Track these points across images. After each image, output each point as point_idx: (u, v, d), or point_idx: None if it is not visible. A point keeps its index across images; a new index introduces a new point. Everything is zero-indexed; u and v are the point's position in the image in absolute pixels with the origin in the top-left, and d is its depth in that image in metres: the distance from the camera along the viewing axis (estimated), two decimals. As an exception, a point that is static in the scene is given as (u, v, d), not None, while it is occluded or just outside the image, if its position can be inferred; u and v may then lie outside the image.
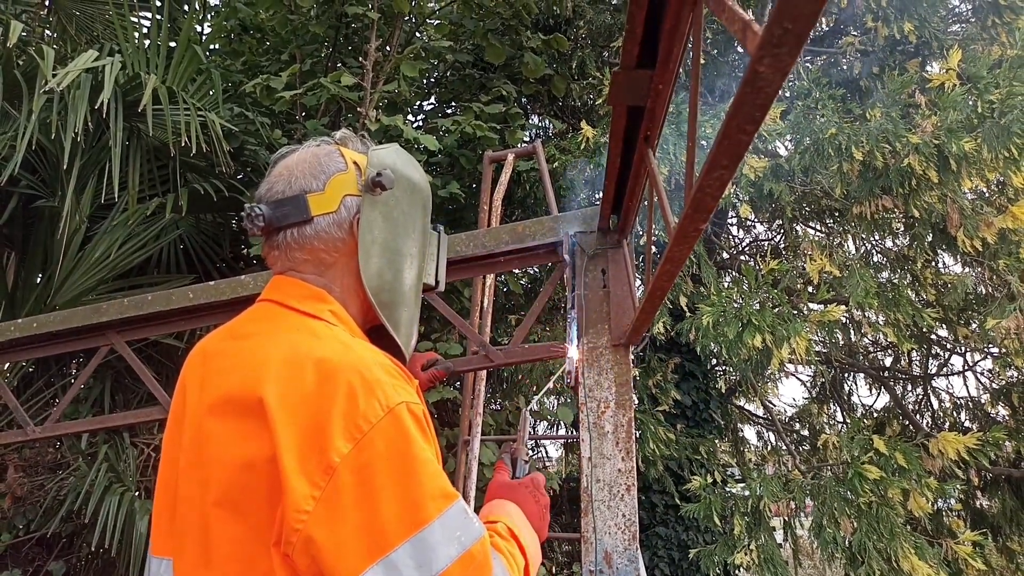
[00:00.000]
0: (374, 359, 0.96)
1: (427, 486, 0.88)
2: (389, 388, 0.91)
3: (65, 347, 2.86)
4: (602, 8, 6.40)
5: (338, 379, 0.90)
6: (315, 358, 0.92)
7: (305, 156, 1.14)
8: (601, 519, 2.06)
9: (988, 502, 7.10)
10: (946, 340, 7.37)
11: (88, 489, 4.51)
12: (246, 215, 1.09)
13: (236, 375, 0.96)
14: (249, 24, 6.02)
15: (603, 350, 2.18)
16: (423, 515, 0.86)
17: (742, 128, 0.91)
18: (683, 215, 1.20)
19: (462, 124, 4.97)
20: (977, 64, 4.50)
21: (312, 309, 1.05)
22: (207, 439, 0.94)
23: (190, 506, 0.94)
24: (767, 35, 0.73)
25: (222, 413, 0.94)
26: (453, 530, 0.88)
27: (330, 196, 1.10)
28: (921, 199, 4.61)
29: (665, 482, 6.87)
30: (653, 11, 1.29)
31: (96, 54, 3.99)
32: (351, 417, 0.87)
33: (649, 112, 1.55)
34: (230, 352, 1.01)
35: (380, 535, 0.84)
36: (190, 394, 1.03)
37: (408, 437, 0.89)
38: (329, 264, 1.10)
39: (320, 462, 0.85)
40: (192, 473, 0.96)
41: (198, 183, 4.96)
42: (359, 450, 0.86)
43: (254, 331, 1.03)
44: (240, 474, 0.89)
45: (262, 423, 0.88)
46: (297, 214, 1.08)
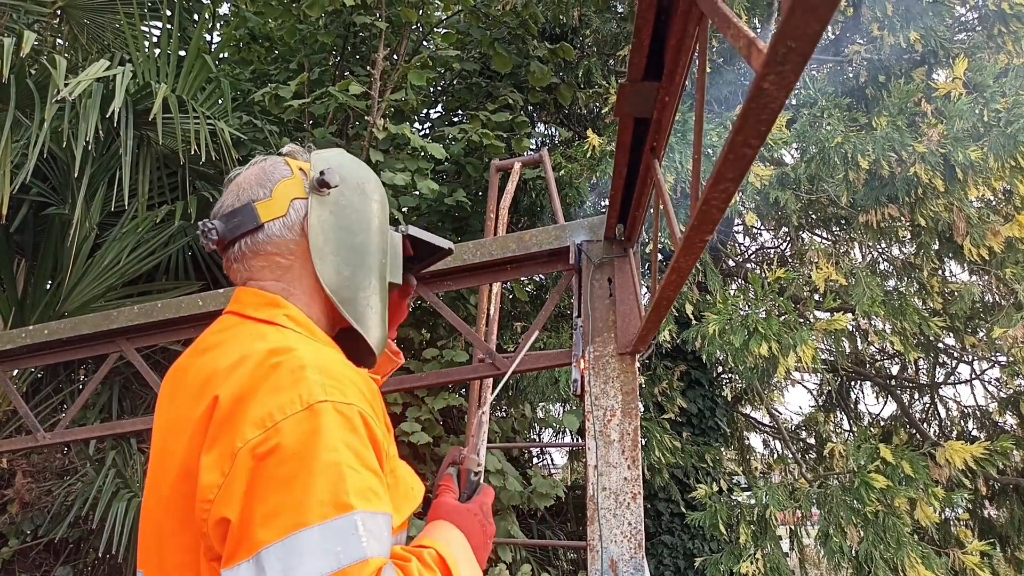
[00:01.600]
0: (314, 358, 0.95)
1: (319, 488, 0.83)
2: (316, 385, 0.90)
3: (76, 353, 2.89)
4: (608, 17, 6.43)
5: (270, 374, 0.91)
6: (257, 358, 0.94)
7: (252, 170, 1.17)
8: (607, 527, 2.06)
9: (996, 511, 7.06)
10: (953, 349, 7.35)
11: (96, 495, 4.54)
12: (200, 232, 1.12)
13: (193, 388, 0.98)
14: (258, 33, 6.07)
15: (609, 358, 2.20)
16: (302, 517, 0.81)
17: (747, 143, 0.92)
18: (689, 227, 1.22)
19: (469, 132, 5.00)
20: (983, 73, 4.51)
21: (267, 315, 1.07)
22: (165, 453, 0.97)
23: (151, 521, 0.97)
24: (771, 53, 0.74)
25: (177, 426, 0.96)
26: (333, 543, 0.81)
27: (277, 201, 1.12)
28: (927, 208, 4.61)
29: (671, 490, 6.86)
30: (659, 26, 1.31)
31: (107, 63, 4.04)
32: (266, 407, 0.87)
33: (655, 123, 1.56)
34: (193, 367, 1.04)
35: (259, 529, 0.81)
36: (160, 411, 1.06)
37: (319, 435, 0.86)
38: (286, 267, 1.11)
39: (227, 450, 0.85)
40: (153, 490, 0.98)
41: (207, 191, 5.01)
42: (265, 438, 0.85)
43: (214, 343, 1.05)
44: (183, 482, 0.90)
45: (204, 426, 0.90)
46: (248, 223, 1.10)
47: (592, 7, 6.13)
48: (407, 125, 4.79)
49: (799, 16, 0.68)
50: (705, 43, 1.18)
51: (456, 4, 5.09)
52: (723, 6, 0.98)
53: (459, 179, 5.56)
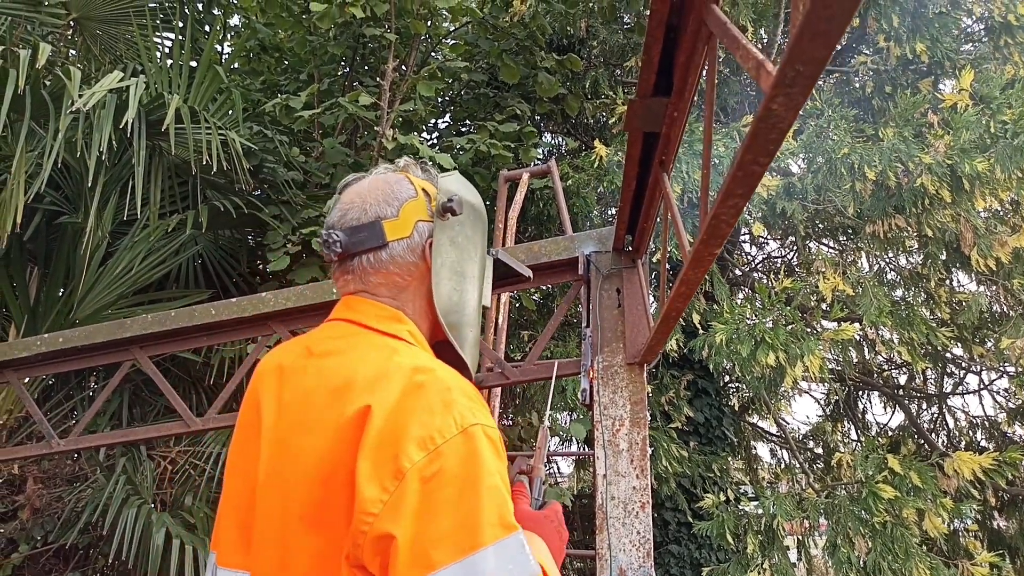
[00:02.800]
0: (454, 380, 0.98)
1: (488, 510, 0.87)
2: (465, 409, 0.94)
3: (89, 362, 2.92)
4: (615, 29, 6.47)
5: (420, 394, 0.93)
6: (403, 373, 0.96)
7: (376, 183, 1.18)
8: (616, 536, 2.08)
9: (1005, 523, 7.03)
10: (961, 359, 7.33)
11: (106, 501, 4.56)
12: (323, 241, 1.14)
13: (322, 390, 1.00)
14: (268, 44, 6.14)
15: (618, 368, 2.22)
16: (479, 539, 0.85)
17: (756, 160, 0.95)
18: (698, 240, 1.24)
19: (477, 143, 5.04)
20: (990, 84, 4.52)
21: (391, 329, 1.10)
22: (293, 455, 0.97)
23: (269, 521, 0.97)
24: (780, 76, 0.77)
25: (312, 429, 0.97)
26: (507, 562, 0.86)
27: (404, 222, 1.14)
28: (934, 218, 4.61)
29: (678, 499, 6.85)
30: (668, 43, 1.33)
31: (121, 75, 4.09)
32: (427, 428, 0.90)
33: (664, 138, 1.59)
34: (312, 370, 1.04)
35: (433, 549, 0.84)
36: (266, 410, 1.06)
37: (478, 458, 0.90)
38: (403, 287, 1.14)
39: (392, 468, 0.87)
40: (274, 488, 0.98)
41: (218, 200, 5.05)
42: (430, 460, 0.88)
43: (335, 348, 1.06)
44: (322, 487, 0.92)
45: (355, 433, 0.91)
46: (373, 240, 1.12)
47: (599, 19, 6.17)
48: (416, 135, 4.83)
49: (807, 41, 0.71)
50: (714, 62, 1.20)
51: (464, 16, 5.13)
52: (732, 27, 1.01)
53: (467, 189, 5.59)
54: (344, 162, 5.04)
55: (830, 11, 0.67)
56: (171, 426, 2.81)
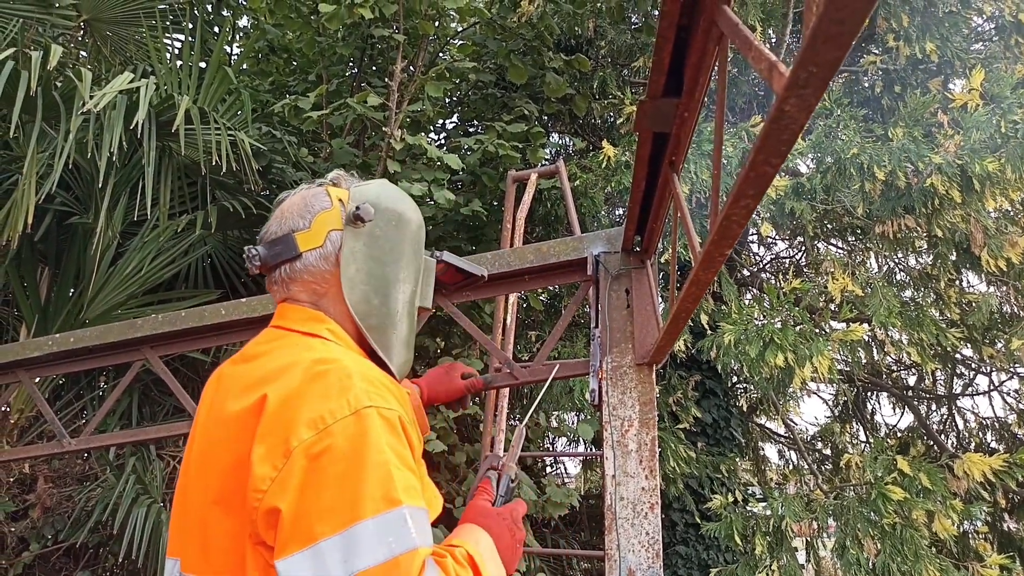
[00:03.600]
0: (357, 368, 1.04)
1: (371, 486, 0.91)
2: (362, 392, 0.99)
3: (100, 361, 2.94)
4: (623, 29, 6.46)
5: (319, 381, 0.99)
6: (305, 364, 1.03)
7: (296, 199, 1.25)
8: (625, 537, 2.08)
9: (1016, 524, 6.98)
10: (971, 360, 7.29)
11: (116, 501, 4.59)
12: (245, 256, 1.23)
13: (242, 388, 1.07)
14: (277, 45, 6.16)
15: (627, 369, 2.21)
16: (358, 512, 0.89)
17: (768, 161, 0.95)
18: (709, 241, 1.24)
19: (484, 143, 5.04)
20: (1000, 84, 4.50)
21: (311, 329, 1.17)
22: (213, 446, 1.06)
23: (193, 508, 1.06)
24: (793, 77, 0.77)
25: (226, 421, 1.05)
26: (386, 535, 0.89)
27: (315, 232, 1.21)
28: (944, 219, 4.59)
29: (685, 500, 6.84)
30: (679, 43, 1.33)
31: (132, 76, 4.11)
32: (318, 411, 0.95)
33: (674, 138, 1.59)
34: (239, 372, 1.13)
35: (316, 522, 0.89)
36: (201, 412, 1.16)
37: (367, 437, 0.94)
38: (321, 294, 1.21)
39: (282, 448, 0.93)
40: (198, 478, 1.07)
41: (227, 200, 5.07)
42: (318, 438, 0.93)
43: (261, 351, 1.15)
44: (231, 473, 0.99)
45: (254, 421, 0.98)
46: (287, 251, 1.20)
47: (607, 19, 6.17)
48: (423, 136, 4.83)
49: (820, 44, 0.71)
50: (725, 63, 1.20)
51: (472, 16, 5.14)
52: (744, 28, 1.01)
53: (475, 189, 5.60)
54: (352, 163, 5.06)
55: (843, 13, 0.67)
56: (181, 426, 2.83)
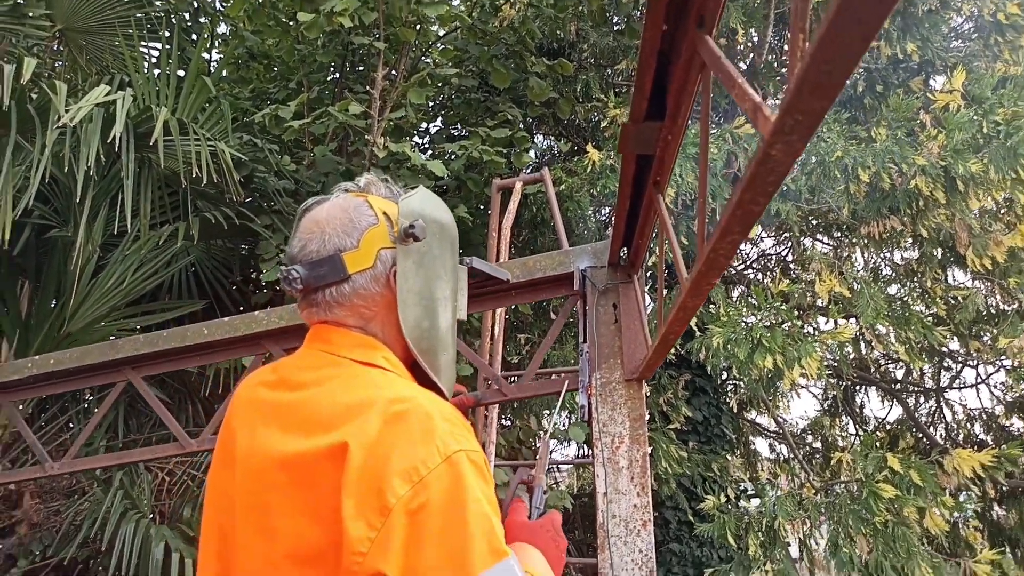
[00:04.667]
0: (434, 406, 0.97)
1: (477, 539, 0.87)
2: (448, 435, 0.92)
3: (82, 383, 2.90)
4: (605, 32, 6.44)
5: (400, 425, 0.92)
6: (380, 405, 0.94)
7: (334, 211, 1.13)
8: (618, 555, 2.06)
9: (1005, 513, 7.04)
10: (958, 353, 7.34)
11: (104, 515, 4.53)
12: (283, 277, 1.10)
13: (299, 424, 0.98)
14: (257, 51, 6.09)
15: (616, 384, 2.19)
16: (469, 568, 0.85)
17: (754, 200, 0.92)
18: (696, 271, 1.22)
19: (469, 148, 5.01)
20: (981, 84, 4.51)
21: (366, 357, 1.07)
22: (272, 490, 0.96)
23: (252, 555, 0.96)
24: (779, 124, 0.75)
25: (287, 463, 0.96)
26: None
27: (365, 252, 1.10)
28: (929, 219, 4.60)
29: (678, 499, 6.84)
30: (661, 67, 1.31)
31: (108, 89, 4.04)
32: (410, 461, 0.88)
33: (658, 160, 1.57)
34: (287, 403, 1.03)
35: None
36: (241, 442, 1.04)
37: (463, 486, 0.89)
38: (369, 318, 1.11)
39: (377, 504, 0.86)
40: (255, 523, 0.97)
41: (209, 211, 5.01)
42: (415, 493, 0.87)
43: (310, 380, 1.05)
44: (309, 524, 0.91)
45: (337, 469, 0.90)
46: (334, 274, 1.08)
47: (589, 22, 6.14)
48: (407, 143, 4.79)
49: (807, 93, 0.69)
50: (708, 93, 1.18)
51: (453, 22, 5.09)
52: (726, 62, 0.99)
53: (460, 194, 5.57)
54: (336, 170, 5.01)
55: (830, 64, 0.65)
56: (166, 447, 2.79)
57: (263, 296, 5.58)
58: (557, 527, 1.24)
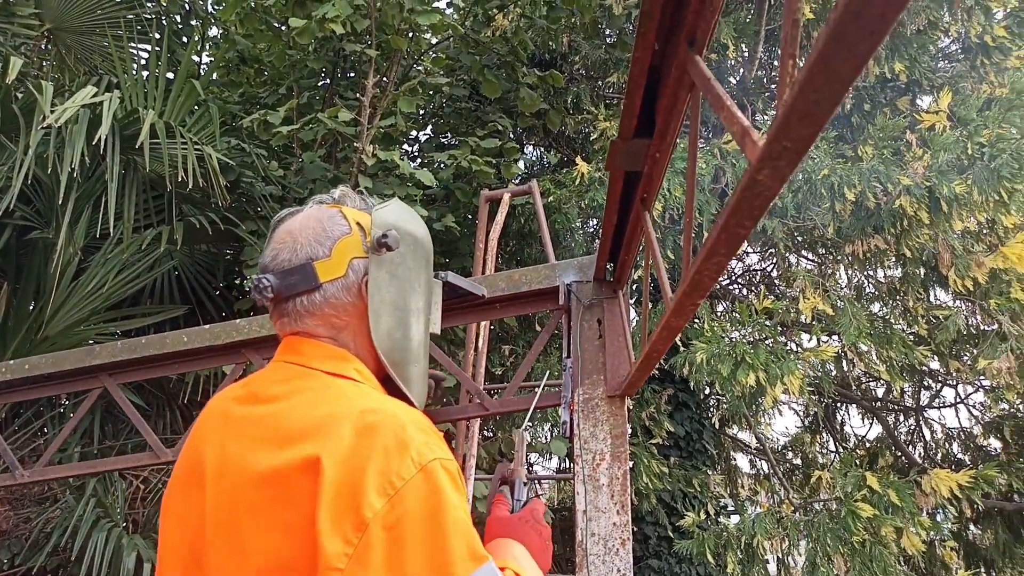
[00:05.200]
0: (406, 416, 0.96)
1: (456, 546, 0.87)
2: (422, 445, 0.92)
3: (57, 389, 2.85)
4: (597, 44, 6.48)
5: (373, 436, 0.90)
6: (352, 417, 0.93)
7: (308, 221, 1.12)
8: (596, 573, 2.04)
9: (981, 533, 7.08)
10: (938, 372, 7.40)
11: (75, 524, 4.45)
12: (253, 287, 1.09)
13: (271, 439, 0.96)
14: (247, 56, 6.06)
15: (599, 401, 2.18)
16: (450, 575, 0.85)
17: (740, 224, 0.92)
18: (681, 291, 1.22)
19: (458, 158, 5.00)
20: (967, 106, 4.57)
21: (337, 369, 1.06)
22: (245, 507, 0.94)
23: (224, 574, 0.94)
24: (767, 150, 0.74)
25: (259, 480, 0.93)
26: None
27: (337, 261, 1.09)
28: (912, 239, 4.65)
29: (658, 514, 6.83)
30: (651, 85, 1.31)
31: (95, 90, 4.01)
32: (385, 474, 0.87)
33: (646, 177, 1.57)
34: (257, 417, 1.01)
35: None
36: (209, 458, 1.02)
37: (439, 495, 0.89)
38: (341, 328, 1.10)
39: (353, 519, 0.85)
40: (225, 542, 0.95)
41: (194, 215, 4.97)
42: (391, 506, 0.86)
43: (281, 393, 1.03)
44: (281, 541, 0.89)
45: (310, 484, 0.88)
46: (305, 282, 1.07)
47: (581, 34, 6.17)
48: (396, 152, 4.78)
49: (795, 121, 0.68)
50: (697, 113, 1.18)
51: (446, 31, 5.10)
52: (716, 85, 0.98)
53: (448, 204, 5.55)
54: (324, 177, 4.98)
55: (819, 93, 0.64)
56: (140, 457, 2.74)
57: (247, 302, 5.53)
58: (538, 517, 1.25)
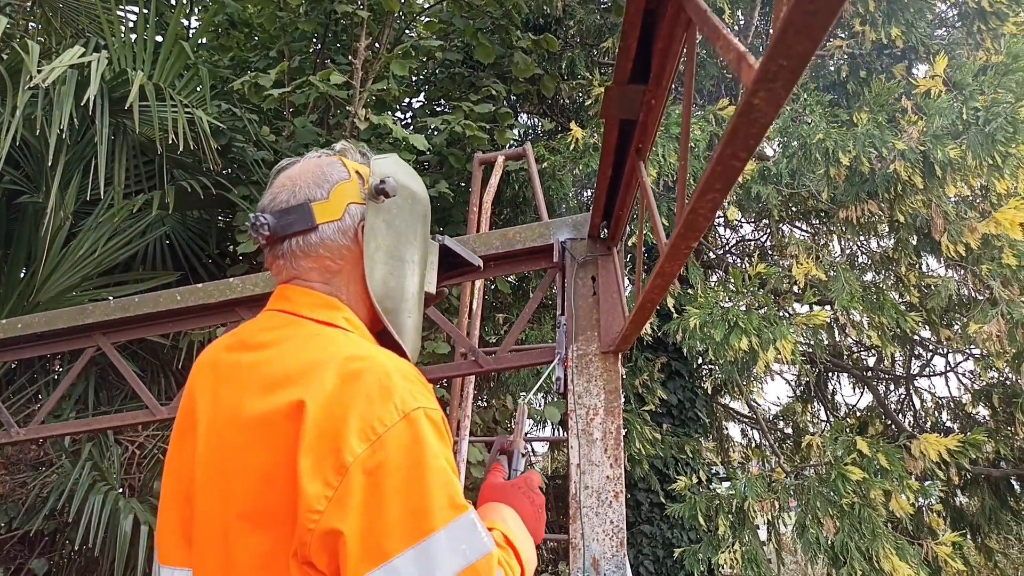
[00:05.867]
0: (392, 364, 0.96)
1: (436, 495, 0.87)
2: (406, 393, 0.92)
3: (51, 348, 2.84)
4: (592, 8, 6.39)
5: (357, 383, 0.91)
6: (337, 363, 0.93)
7: (308, 166, 1.14)
8: (589, 525, 2.07)
9: (968, 500, 7.20)
10: (928, 341, 7.46)
11: (72, 487, 4.47)
12: (251, 224, 1.10)
13: (255, 386, 0.97)
14: (237, 19, 5.97)
15: (592, 357, 2.19)
16: (429, 524, 0.86)
17: (735, 155, 0.92)
18: (675, 234, 1.22)
19: (451, 123, 4.96)
20: (963, 71, 4.55)
21: (326, 317, 1.06)
22: (230, 451, 0.95)
23: (210, 519, 0.95)
24: (762, 70, 0.74)
25: (247, 425, 0.94)
26: (459, 542, 0.87)
27: (334, 204, 1.10)
28: (906, 204, 4.65)
29: (651, 480, 6.91)
30: (646, 29, 1.30)
31: (83, 50, 3.94)
32: (367, 419, 0.88)
33: (641, 125, 1.56)
34: (247, 364, 1.02)
35: (385, 539, 0.84)
36: (201, 406, 1.03)
37: (421, 443, 0.89)
38: (335, 271, 1.11)
39: (334, 462, 0.86)
40: (212, 486, 0.96)
41: (185, 180, 4.92)
42: (372, 451, 0.86)
43: (269, 340, 1.03)
44: (262, 485, 0.90)
45: (292, 428, 0.89)
46: (302, 222, 1.08)
47: (576, -2, 6.10)
48: (389, 116, 4.74)
49: (791, 36, 0.68)
50: (693, 49, 1.17)
51: (439, -8, 5.03)
52: (712, 15, 0.98)
53: (441, 170, 5.52)
54: (316, 142, 4.94)
55: (816, 4, 0.64)
56: (136, 414, 2.75)
57: (239, 269, 5.51)
58: (532, 485, 1.25)
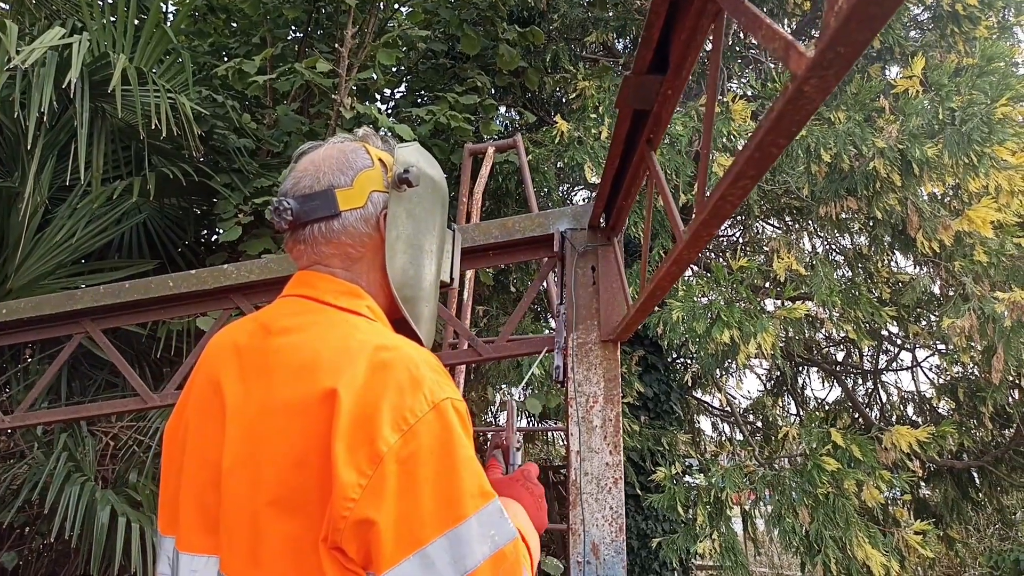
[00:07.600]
0: (419, 354, 0.98)
1: (467, 483, 0.90)
2: (434, 384, 0.94)
3: (36, 335, 2.78)
4: (576, 2, 6.42)
5: (387, 372, 0.92)
6: (367, 352, 0.94)
7: (331, 152, 1.14)
8: (589, 511, 2.11)
9: (931, 492, 7.42)
10: (896, 336, 7.66)
11: (46, 479, 4.39)
12: (273, 208, 1.10)
13: (283, 372, 0.97)
14: (216, 4, 5.87)
15: (592, 346, 2.22)
16: (461, 511, 0.88)
17: (775, 142, 0.94)
18: (698, 221, 1.24)
19: (436, 114, 4.95)
20: (939, 72, 4.67)
21: (350, 305, 1.07)
22: (261, 438, 0.95)
23: (238, 505, 0.94)
24: (819, 57, 0.76)
25: (277, 410, 0.95)
26: (488, 528, 0.90)
27: (358, 191, 1.12)
28: (884, 201, 4.76)
29: (626, 472, 6.99)
30: (668, 18, 1.32)
31: (63, 31, 3.86)
32: (399, 409, 0.90)
33: (655, 116, 1.58)
34: (272, 349, 1.01)
35: (419, 527, 0.86)
36: (230, 391, 1.02)
37: (451, 433, 0.92)
38: (356, 259, 1.12)
39: (368, 452, 0.87)
40: (241, 472, 0.95)
41: (165, 166, 4.84)
42: (405, 441, 0.88)
43: (294, 326, 1.04)
44: (294, 472, 0.90)
45: (325, 416, 0.90)
46: (325, 208, 1.09)
47: (560, -8, 6.11)
48: (374, 105, 4.71)
49: (854, 24, 0.70)
50: (720, 40, 1.19)
51: (425, -19, 5.01)
52: (749, 4, 1.00)
53: (425, 161, 5.49)
54: (299, 130, 4.89)
55: (882, -5, 0.66)
56: (127, 402, 2.71)
57: (218, 258, 5.43)
58: (530, 476, 1.29)
